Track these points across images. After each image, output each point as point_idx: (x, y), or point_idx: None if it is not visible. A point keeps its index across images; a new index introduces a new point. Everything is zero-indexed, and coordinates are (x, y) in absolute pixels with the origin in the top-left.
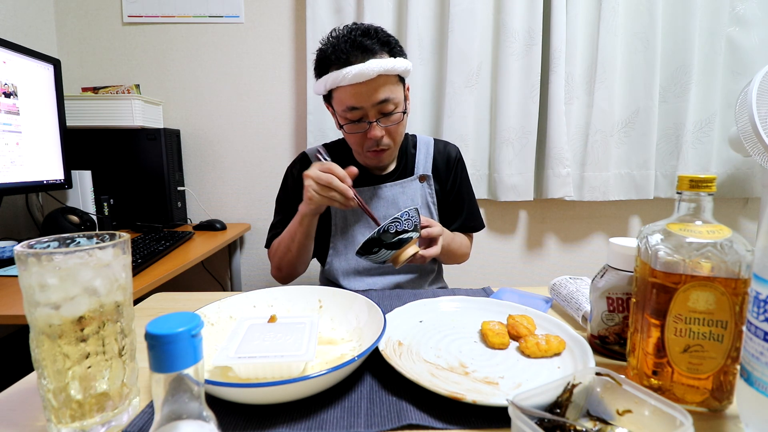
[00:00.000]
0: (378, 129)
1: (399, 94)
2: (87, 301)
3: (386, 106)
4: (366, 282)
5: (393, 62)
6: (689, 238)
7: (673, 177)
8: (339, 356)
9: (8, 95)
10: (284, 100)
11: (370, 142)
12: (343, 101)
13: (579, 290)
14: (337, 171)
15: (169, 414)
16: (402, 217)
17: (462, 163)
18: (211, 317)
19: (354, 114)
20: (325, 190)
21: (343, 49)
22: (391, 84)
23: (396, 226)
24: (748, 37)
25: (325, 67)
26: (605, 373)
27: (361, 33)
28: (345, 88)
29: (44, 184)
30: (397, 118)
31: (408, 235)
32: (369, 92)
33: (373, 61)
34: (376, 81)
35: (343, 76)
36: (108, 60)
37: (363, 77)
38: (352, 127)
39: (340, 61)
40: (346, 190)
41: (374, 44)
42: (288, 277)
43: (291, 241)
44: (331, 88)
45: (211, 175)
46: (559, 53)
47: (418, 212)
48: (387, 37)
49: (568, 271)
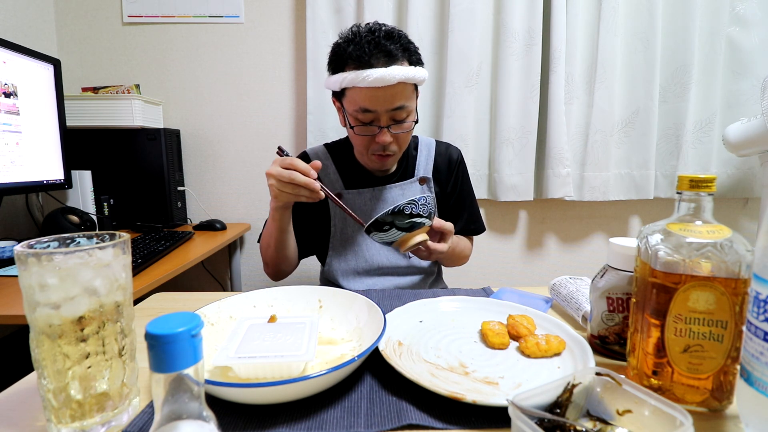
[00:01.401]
0: (387, 135)
1: (413, 103)
2: (87, 301)
3: (400, 113)
4: (365, 283)
5: (414, 71)
6: (689, 238)
7: (673, 177)
8: (339, 356)
9: (8, 95)
10: (284, 100)
11: (377, 146)
12: (358, 102)
13: (579, 290)
14: (299, 165)
15: (169, 414)
16: (419, 201)
17: (463, 166)
18: (211, 317)
19: (366, 116)
20: (288, 187)
21: (366, 49)
22: (408, 92)
23: (411, 208)
24: (748, 37)
25: (342, 64)
26: (605, 373)
27: (384, 35)
28: (362, 90)
29: (44, 184)
30: (408, 127)
31: (421, 221)
32: (386, 97)
33: (396, 67)
34: (395, 87)
35: (363, 77)
36: (108, 60)
37: (383, 82)
38: (362, 129)
39: (361, 61)
40: (309, 183)
41: (397, 49)
42: (276, 273)
43: (269, 236)
44: (347, 87)
45: (211, 175)
46: (559, 53)
47: (435, 202)
48: (408, 44)
49: (568, 271)
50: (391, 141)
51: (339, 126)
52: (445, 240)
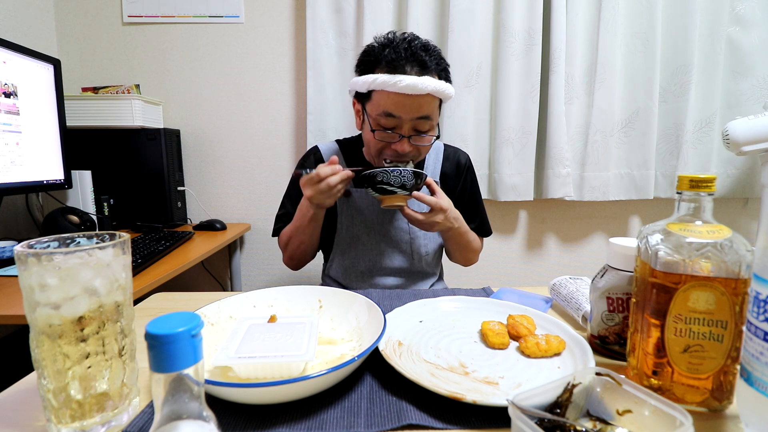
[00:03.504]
0: (407, 145)
1: (436, 118)
2: (87, 301)
3: (423, 124)
4: (368, 282)
5: (445, 86)
6: (689, 238)
7: (673, 177)
8: (339, 356)
9: (8, 95)
10: (284, 100)
11: (392, 153)
12: (383, 106)
13: (579, 290)
14: (326, 170)
15: (169, 414)
16: (392, 172)
17: (471, 170)
18: (211, 317)
19: (389, 121)
20: (327, 192)
21: (402, 55)
22: (434, 105)
23: (383, 176)
24: (748, 37)
25: (373, 66)
26: (605, 373)
27: (421, 47)
28: (390, 94)
29: (44, 184)
30: (428, 140)
31: (392, 189)
32: (413, 105)
33: (428, 78)
34: (424, 97)
35: (394, 82)
36: (108, 60)
37: (414, 90)
38: (382, 135)
39: (394, 65)
40: (344, 176)
41: (431, 62)
42: (300, 264)
43: (302, 234)
44: (376, 89)
45: (211, 175)
46: (559, 53)
47: (419, 178)
48: (441, 59)
49: (568, 271)
50: (410, 151)
51: (339, 126)
52: (432, 216)
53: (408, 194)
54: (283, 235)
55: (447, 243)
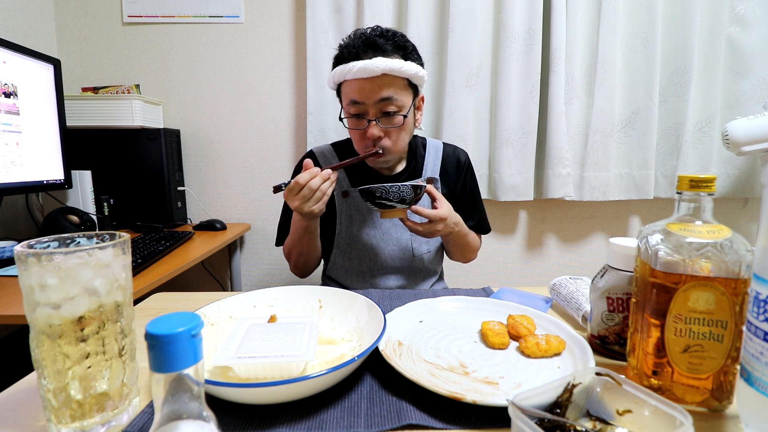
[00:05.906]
0: (376, 128)
1: (404, 98)
2: (87, 301)
3: (387, 105)
4: (368, 282)
5: (401, 63)
6: (689, 238)
7: (673, 177)
8: (339, 356)
9: (8, 95)
10: (284, 100)
11: (368, 141)
12: (347, 95)
13: (579, 290)
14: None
15: (169, 414)
16: (391, 189)
17: (471, 168)
18: (211, 317)
19: (356, 108)
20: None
21: (356, 44)
22: (397, 87)
23: (382, 193)
24: (748, 37)
25: (336, 61)
26: (605, 373)
27: (378, 33)
28: (350, 83)
29: (44, 184)
30: (397, 121)
31: (391, 204)
32: (372, 89)
33: (381, 59)
34: (381, 79)
35: (348, 69)
36: (108, 60)
37: (367, 73)
38: (353, 122)
39: (350, 55)
40: (324, 176)
41: (387, 44)
42: (306, 272)
43: (301, 245)
44: (339, 81)
45: (211, 175)
46: (559, 53)
47: (418, 190)
48: (404, 42)
49: (568, 271)
50: (381, 136)
51: (339, 126)
52: (432, 225)
53: (407, 207)
54: (285, 246)
55: (447, 245)
